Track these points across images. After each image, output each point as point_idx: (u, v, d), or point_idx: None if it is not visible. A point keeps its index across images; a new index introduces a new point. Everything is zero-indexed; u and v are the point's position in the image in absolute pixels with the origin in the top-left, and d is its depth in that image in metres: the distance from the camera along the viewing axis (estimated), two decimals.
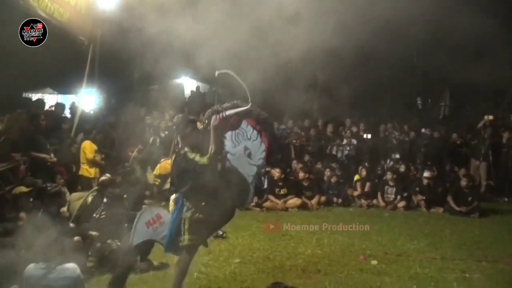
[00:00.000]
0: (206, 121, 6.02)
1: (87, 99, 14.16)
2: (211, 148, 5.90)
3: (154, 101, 14.48)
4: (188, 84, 19.90)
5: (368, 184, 13.40)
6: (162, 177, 12.31)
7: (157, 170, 12.36)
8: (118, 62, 15.47)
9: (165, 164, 12.35)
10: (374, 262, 8.04)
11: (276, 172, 12.92)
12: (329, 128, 15.77)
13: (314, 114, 16.58)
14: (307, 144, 15.40)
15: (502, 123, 16.91)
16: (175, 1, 9.60)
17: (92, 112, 14.35)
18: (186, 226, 5.90)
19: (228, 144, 6.11)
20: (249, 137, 6.19)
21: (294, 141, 15.26)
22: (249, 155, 6.17)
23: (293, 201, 12.65)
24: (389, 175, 13.17)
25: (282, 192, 12.78)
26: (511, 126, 15.66)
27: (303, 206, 12.61)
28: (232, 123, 6.14)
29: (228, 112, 6.01)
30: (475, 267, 8.03)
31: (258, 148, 6.20)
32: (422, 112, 21.86)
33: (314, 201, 12.76)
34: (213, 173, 5.95)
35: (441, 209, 12.62)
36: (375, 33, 10.40)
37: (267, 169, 13.46)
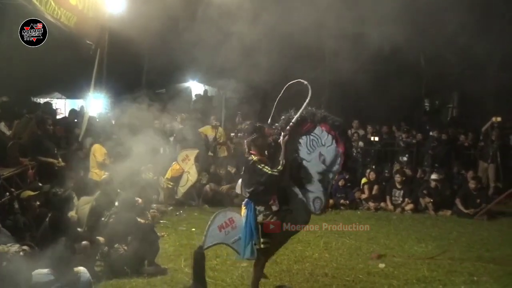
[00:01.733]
0: (276, 136, 6.26)
1: (95, 103, 14.22)
2: (282, 162, 6.04)
3: (162, 105, 14.53)
4: (195, 88, 19.94)
5: (375, 187, 13.36)
6: (174, 180, 12.36)
7: (168, 174, 12.39)
8: (126, 66, 15.55)
9: (176, 167, 12.40)
10: (381, 265, 8.04)
11: None
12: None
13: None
14: None
15: (510, 125, 16.82)
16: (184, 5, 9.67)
17: (100, 116, 14.41)
18: (260, 230, 6.07)
19: (303, 151, 6.31)
20: (323, 143, 6.32)
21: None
22: (323, 161, 6.31)
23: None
24: (397, 178, 13.14)
25: None
26: None
27: None
28: (307, 129, 6.33)
29: (292, 125, 6.19)
30: (483, 269, 8.01)
31: (334, 154, 6.32)
32: (430, 114, 21.79)
33: None
34: (283, 181, 6.11)
35: (449, 212, 12.58)
36: (382, 34, 10.40)
37: None
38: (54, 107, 16.23)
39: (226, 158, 14.28)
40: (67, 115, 15.87)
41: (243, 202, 6.36)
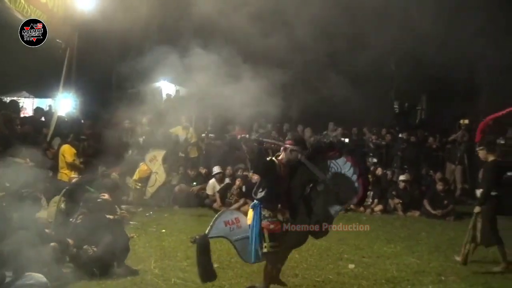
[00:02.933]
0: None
1: (64, 103, 14.04)
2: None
3: (132, 105, 14.39)
4: (167, 88, 19.78)
5: None
6: (143, 181, 12.26)
7: (136, 175, 12.30)
8: (96, 65, 15.37)
9: (143, 168, 12.31)
10: (351, 265, 8.10)
11: (255, 176, 12.91)
12: (307, 133, 15.83)
13: (293, 118, 16.65)
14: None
15: (476, 127, 17.10)
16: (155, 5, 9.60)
17: (69, 116, 14.23)
18: (267, 234, 6.12)
19: (319, 174, 6.24)
20: (343, 175, 6.28)
21: (272, 145, 15.24)
22: (338, 192, 6.29)
23: (249, 212, 12.65)
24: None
25: None
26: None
27: None
28: (331, 156, 6.33)
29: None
30: (451, 269, 8.14)
31: (351, 189, 6.28)
32: (399, 116, 22.06)
33: None
34: (293, 193, 6.21)
35: (417, 213, 12.76)
36: (353, 37, 10.50)
37: (245, 173, 13.53)
38: (21, 106, 15.94)
39: (197, 159, 14.24)
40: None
41: (251, 205, 6.43)
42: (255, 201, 6.31)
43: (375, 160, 15.44)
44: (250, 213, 6.34)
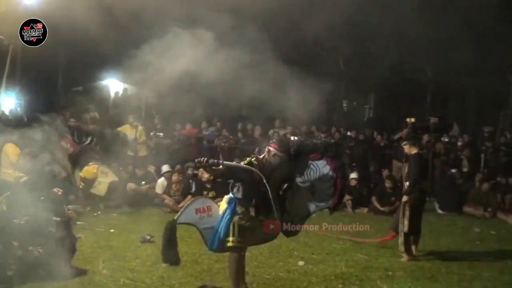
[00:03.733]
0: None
1: (7, 100, 13.65)
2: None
3: (79, 103, 14.13)
4: (115, 86, 19.49)
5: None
6: (87, 182, 12.00)
7: (83, 173, 12.04)
8: (42, 62, 15.00)
9: (91, 169, 12.06)
10: (301, 263, 8.17)
11: (204, 174, 12.87)
12: (257, 131, 15.86)
13: (243, 117, 16.65)
14: (235, 147, 15.43)
15: (421, 125, 17.55)
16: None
17: (12, 114, 13.82)
18: (236, 229, 6.18)
19: (297, 177, 6.33)
20: (320, 177, 6.37)
21: (223, 144, 15.25)
22: (313, 194, 6.39)
23: (222, 203, 12.62)
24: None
25: (210, 195, 12.71)
26: (430, 128, 16.25)
27: None
28: (312, 158, 6.40)
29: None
30: (398, 264, 8.33)
31: (326, 193, 6.41)
32: (348, 114, 22.38)
33: None
34: (268, 191, 6.12)
35: (366, 209, 12.96)
36: (302, 35, 10.57)
37: (195, 172, 13.46)
38: None
39: (146, 158, 14.06)
40: None
41: (226, 196, 6.48)
42: (231, 195, 6.36)
43: None
44: (223, 205, 6.43)
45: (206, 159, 6.02)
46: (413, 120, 16.47)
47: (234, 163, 6.27)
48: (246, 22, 9.26)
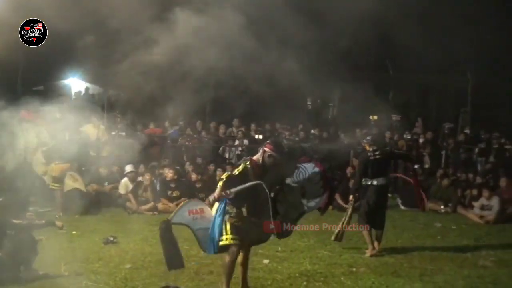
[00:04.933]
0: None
1: None
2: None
3: (39, 103, 13.84)
4: (76, 85, 19.24)
5: None
6: (59, 181, 11.76)
7: (51, 170, 11.75)
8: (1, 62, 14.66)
9: (59, 167, 11.81)
10: (266, 261, 8.19)
11: (169, 173, 12.80)
12: (221, 129, 15.84)
13: (207, 115, 16.60)
14: (199, 146, 15.38)
15: (385, 123, 17.78)
16: None
17: None
18: (228, 227, 6.17)
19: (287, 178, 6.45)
20: (309, 179, 6.51)
21: (187, 142, 15.18)
22: (303, 195, 6.52)
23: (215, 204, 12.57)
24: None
25: (175, 194, 12.68)
26: (392, 126, 16.48)
27: None
28: (301, 161, 6.63)
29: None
30: (361, 260, 8.44)
31: (316, 194, 6.58)
32: (312, 112, 22.49)
33: (206, 202, 12.75)
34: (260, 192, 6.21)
35: (330, 207, 13.03)
36: (266, 32, 10.56)
37: (161, 171, 13.37)
38: None
39: (108, 158, 13.86)
40: None
41: None
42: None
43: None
44: (216, 205, 6.41)
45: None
46: (376, 117, 16.67)
47: (241, 187, 6.19)
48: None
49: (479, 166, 15.77)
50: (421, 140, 16.81)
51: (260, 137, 15.93)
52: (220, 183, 6.26)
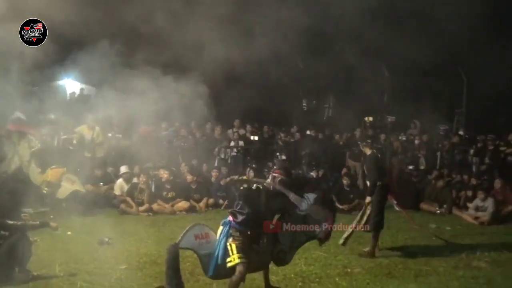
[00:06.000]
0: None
1: None
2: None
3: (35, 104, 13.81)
4: (71, 86, 19.17)
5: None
6: (51, 185, 11.70)
7: (47, 176, 11.73)
8: None
9: (55, 172, 11.77)
10: None
11: (164, 174, 12.80)
12: (217, 131, 15.82)
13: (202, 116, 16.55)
14: (194, 147, 15.34)
15: (379, 125, 17.83)
16: None
17: None
18: (234, 248, 6.18)
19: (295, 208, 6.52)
20: (312, 209, 6.55)
21: (182, 144, 15.15)
22: (305, 222, 6.55)
23: (181, 204, 12.61)
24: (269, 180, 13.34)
25: (170, 195, 12.69)
26: (387, 127, 16.52)
27: (191, 209, 12.60)
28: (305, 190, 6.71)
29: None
30: (356, 262, 8.45)
31: (318, 221, 6.58)
32: (307, 114, 22.51)
33: (202, 203, 12.79)
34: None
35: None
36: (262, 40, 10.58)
37: (155, 172, 13.35)
38: None
39: (103, 158, 13.85)
40: None
41: (222, 222, 6.49)
42: (228, 218, 6.41)
43: (284, 157, 15.68)
44: (219, 228, 6.45)
45: None
46: (371, 119, 16.69)
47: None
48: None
49: (474, 167, 15.80)
50: (416, 142, 16.81)
51: (256, 138, 15.93)
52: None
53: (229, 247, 6.24)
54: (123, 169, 12.72)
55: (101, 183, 12.94)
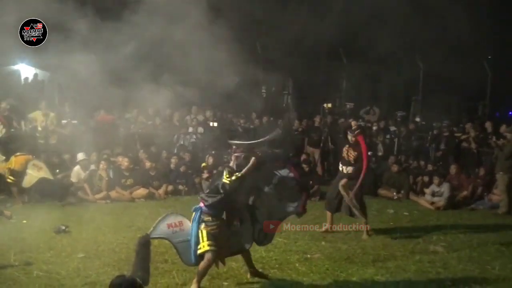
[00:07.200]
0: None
1: None
2: (239, 175, 6.29)
3: None
4: (25, 71, 18.68)
5: (215, 172, 13.50)
6: (16, 174, 11.34)
7: (11, 164, 11.36)
8: None
9: (20, 159, 11.41)
10: None
11: (124, 161, 12.63)
12: (176, 117, 15.67)
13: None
14: (153, 133, 15.16)
15: (339, 111, 17.96)
16: None
17: None
18: (204, 235, 6.16)
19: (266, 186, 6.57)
20: (286, 185, 6.61)
21: (140, 130, 14.95)
22: (280, 200, 6.63)
23: (140, 191, 12.48)
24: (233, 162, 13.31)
25: (128, 182, 12.53)
26: (346, 113, 16.65)
27: (150, 196, 12.49)
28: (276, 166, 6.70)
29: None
30: (316, 247, 8.52)
31: (293, 199, 6.68)
32: (267, 100, 22.48)
33: (161, 190, 12.68)
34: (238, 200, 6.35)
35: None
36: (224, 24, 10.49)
37: (112, 159, 13.14)
38: None
39: (59, 146, 13.54)
40: None
41: (193, 208, 6.44)
42: (200, 205, 6.35)
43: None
44: (193, 215, 6.42)
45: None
46: (329, 105, 16.78)
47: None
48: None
49: (431, 153, 16.09)
50: (374, 128, 17.01)
51: (215, 124, 15.84)
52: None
53: (199, 234, 6.23)
54: (80, 156, 12.46)
55: (57, 171, 12.64)
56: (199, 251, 6.22)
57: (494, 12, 18.55)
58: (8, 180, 11.35)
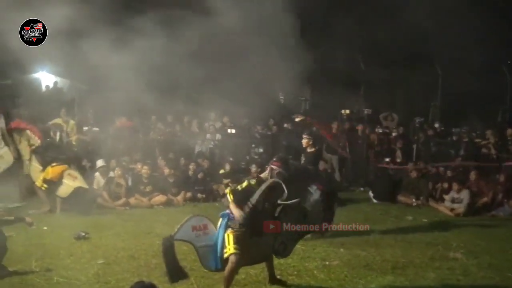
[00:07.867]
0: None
1: None
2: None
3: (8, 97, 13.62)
4: (45, 79, 18.92)
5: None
6: (51, 184, 11.38)
7: (47, 174, 11.43)
8: None
9: (57, 170, 11.44)
10: None
11: (143, 169, 12.71)
12: (194, 124, 15.75)
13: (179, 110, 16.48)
14: (171, 140, 15.26)
15: (357, 117, 17.89)
16: None
17: None
18: (231, 238, 6.19)
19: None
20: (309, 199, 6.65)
21: (159, 137, 15.06)
22: (305, 217, 6.64)
23: (159, 198, 12.54)
24: (253, 168, 13.34)
25: (147, 189, 12.60)
26: (364, 119, 16.60)
27: (168, 203, 12.54)
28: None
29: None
30: (334, 254, 8.47)
31: (318, 217, 6.70)
32: (284, 106, 22.47)
33: (179, 197, 12.74)
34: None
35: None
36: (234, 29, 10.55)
37: (132, 166, 13.24)
38: None
39: (79, 152, 13.66)
40: None
41: (220, 213, 6.50)
42: (227, 210, 6.42)
43: (261, 150, 15.67)
44: (220, 220, 6.45)
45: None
46: (348, 111, 16.73)
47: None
48: None
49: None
50: (393, 134, 16.93)
51: (233, 131, 15.88)
52: (230, 198, 6.35)
53: (226, 238, 6.26)
54: (100, 162, 12.57)
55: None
56: (225, 255, 6.25)
57: None
58: (43, 188, 11.39)
